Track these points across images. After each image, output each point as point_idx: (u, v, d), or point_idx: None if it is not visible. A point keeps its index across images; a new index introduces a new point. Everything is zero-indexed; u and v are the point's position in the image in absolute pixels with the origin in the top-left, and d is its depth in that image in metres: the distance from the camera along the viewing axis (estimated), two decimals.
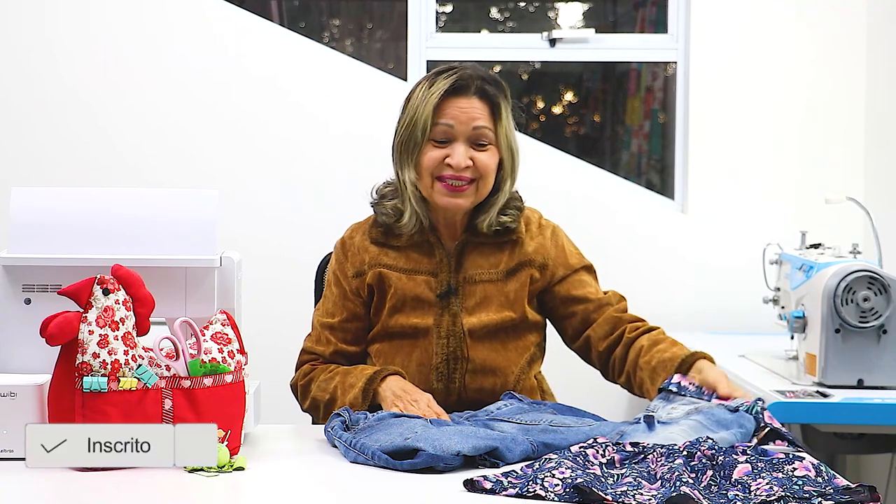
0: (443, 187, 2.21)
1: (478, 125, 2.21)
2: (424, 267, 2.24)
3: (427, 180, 2.22)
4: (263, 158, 3.70)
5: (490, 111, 2.23)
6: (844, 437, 2.57)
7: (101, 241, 1.94)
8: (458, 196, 2.21)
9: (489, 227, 2.24)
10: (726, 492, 1.63)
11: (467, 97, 2.22)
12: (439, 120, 2.21)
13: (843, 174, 3.72)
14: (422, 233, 2.26)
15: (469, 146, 2.21)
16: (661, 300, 3.70)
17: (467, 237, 2.26)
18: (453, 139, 2.21)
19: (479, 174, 2.21)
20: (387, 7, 5.46)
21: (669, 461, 1.72)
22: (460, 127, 2.20)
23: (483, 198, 2.24)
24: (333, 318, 2.27)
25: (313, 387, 2.23)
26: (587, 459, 1.75)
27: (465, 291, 2.23)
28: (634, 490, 1.65)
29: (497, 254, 2.26)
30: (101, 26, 3.68)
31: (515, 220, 2.27)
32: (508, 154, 2.24)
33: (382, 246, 2.27)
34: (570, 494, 1.64)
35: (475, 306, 2.23)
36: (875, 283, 2.49)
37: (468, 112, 2.21)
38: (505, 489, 1.67)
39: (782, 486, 1.61)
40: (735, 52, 3.75)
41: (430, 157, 2.21)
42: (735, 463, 1.69)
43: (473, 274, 2.24)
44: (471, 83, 2.22)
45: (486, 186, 2.23)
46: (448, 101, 2.21)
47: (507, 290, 2.24)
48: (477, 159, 2.21)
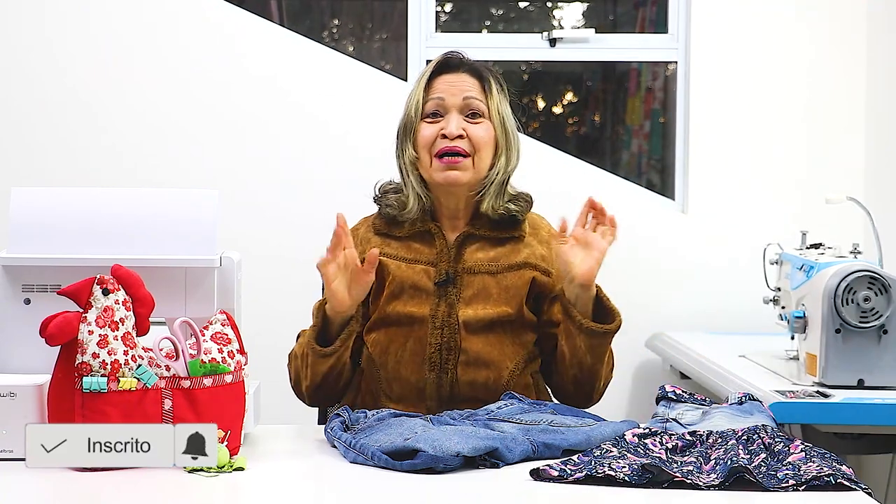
0: (440, 163, 2.24)
1: (468, 95, 2.26)
2: (425, 256, 2.26)
3: (425, 158, 2.25)
4: (263, 158, 3.70)
5: (480, 85, 2.28)
6: (845, 438, 2.57)
7: (101, 241, 1.94)
8: (455, 168, 2.23)
9: (494, 212, 2.26)
10: (776, 472, 1.70)
11: (456, 73, 2.29)
12: (430, 96, 2.27)
13: (844, 174, 3.72)
14: (424, 221, 2.28)
15: (462, 118, 2.26)
16: (662, 300, 3.70)
17: (469, 230, 2.28)
18: (446, 112, 2.26)
19: (474, 147, 2.24)
20: (387, 7, 5.46)
21: (724, 444, 1.80)
22: (451, 99, 2.26)
23: (482, 174, 2.26)
24: None
25: (298, 350, 2.27)
26: (647, 448, 1.81)
27: (463, 282, 2.24)
28: (698, 471, 1.72)
29: (498, 248, 2.27)
30: (102, 26, 3.68)
31: (523, 212, 2.30)
32: (502, 129, 2.28)
33: (385, 237, 2.29)
34: (640, 475, 1.68)
35: (472, 297, 2.23)
36: (875, 283, 2.49)
37: (458, 85, 2.27)
38: (571, 475, 1.70)
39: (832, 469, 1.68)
40: (735, 52, 3.75)
41: (424, 133, 2.26)
42: (790, 452, 1.76)
43: (472, 265, 2.25)
44: (460, 63, 2.31)
45: (482, 161, 2.25)
46: (438, 78, 2.29)
47: (506, 284, 2.25)
48: (470, 131, 2.24)
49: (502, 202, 2.27)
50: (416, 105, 2.27)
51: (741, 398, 1.98)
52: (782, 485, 1.67)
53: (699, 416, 1.94)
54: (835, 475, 1.67)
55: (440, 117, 2.26)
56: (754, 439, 1.81)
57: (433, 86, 2.29)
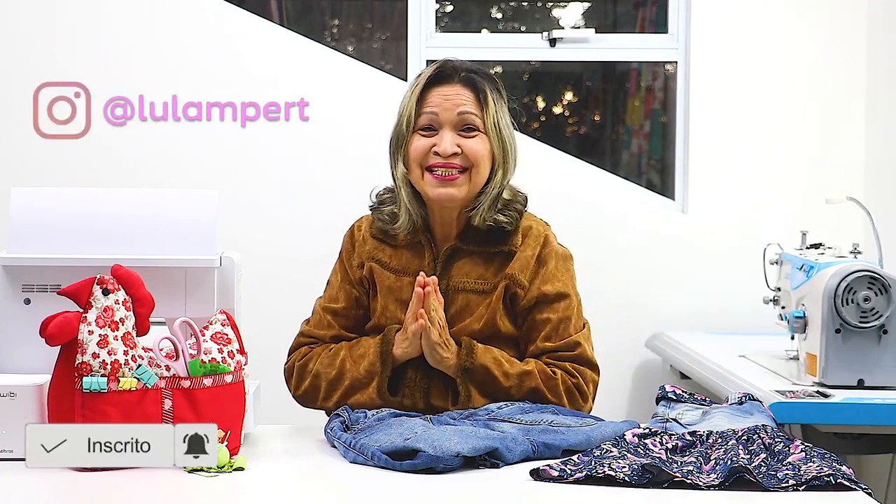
0: (432, 178, 2.16)
1: (463, 110, 2.17)
2: (413, 268, 2.20)
3: (416, 172, 2.18)
4: (263, 158, 3.70)
5: (476, 97, 2.18)
6: (845, 438, 2.57)
7: (101, 241, 1.94)
8: (450, 185, 2.16)
9: (483, 223, 2.17)
10: (776, 472, 1.70)
11: (451, 84, 2.19)
12: (423, 109, 2.18)
13: (843, 174, 3.72)
14: (415, 233, 2.22)
15: (456, 133, 2.17)
16: (661, 300, 3.70)
17: (458, 244, 2.20)
18: (439, 127, 2.17)
19: (470, 162, 2.16)
20: (387, 7, 5.46)
21: (724, 444, 1.80)
22: (445, 114, 2.17)
23: (478, 188, 2.18)
24: (338, 303, 2.25)
25: (313, 365, 2.19)
26: (648, 448, 1.81)
27: (448, 299, 2.17)
28: (698, 471, 1.72)
29: (486, 264, 2.19)
30: (101, 26, 3.68)
31: (512, 223, 2.20)
32: (498, 142, 2.18)
33: (381, 242, 2.24)
34: (641, 475, 1.68)
35: (455, 314, 2.17)
36: (875, 283, 2.49)
37: (452, 98, 2.17)
38: (571, 475, 1.70)
39: (832, 469, 1.69)
40: (735, 52, 3.75)
41: (416, 147, 2.17)
42: (790, 452, 1.76)
43: (459, 282, 2.18)
44: (454, 72, 2.20)
45: (479, 176, 2.17)
46: (432, 90, 2.19)
47: (488, 302, 2.17)
48: (465, 146, 2.16)
49: (493, 213, 2.18)
50: (409, 117, 2.18)
51: (741, 398, 1.99)
52: (782, 485, 1.67)
53: (699, 417, 1.94)
54: (835, 475, 1.67)
55: (433, 131, 2.18)
56: (754, 439, 1.81)
57: (427, 98, 2.19)
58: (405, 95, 2.23)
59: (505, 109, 2.23)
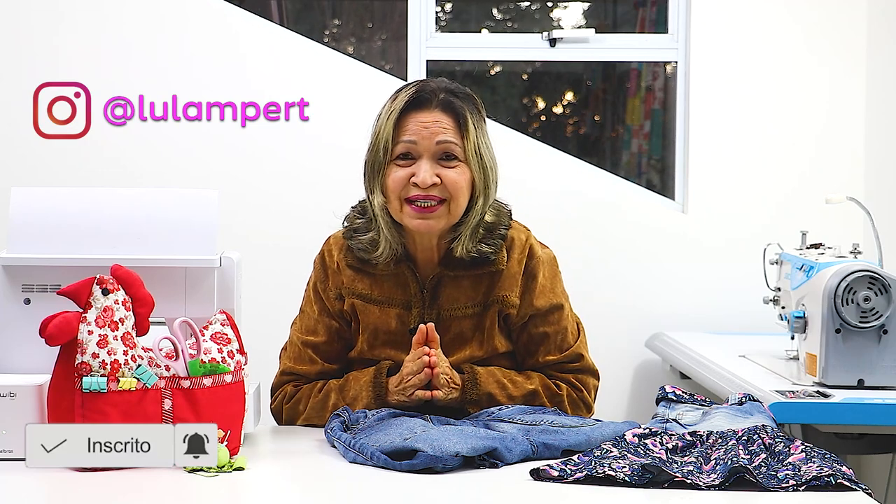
0: (412, 209, 2.07)
1: (442, 139, 2.07)
2: (398, 299, 2.13)
3: (395, 203, 2.09)
4: (263, 158, 3.70)
5: (456, 123, 2.09)
6: (845, 438, 2.57)
7: (101, 241, 1.94)
8: (429, 217, 2.07)
9: (466, 254, 2.09)
10: (776, 472, 1.71)
11: (429, 110, 2.09)
12: (401, 137, 2.08)
13: (843, 174, 3.72)
14: (397, 263, 2.13)
15: (435, 162, 2.08)
16: (662, 300, 3.70)
17: (443, 270, 2.13)
18: (418, 156, 2.08)
19: (449, 193, 2.07)
20: (387, 7, 5.46)
21: (724, 444, 1.80)
22: (423, 143, 2.07)
23: (457, 218, 2.09)
24: (317, 336, 2.18)
25: (303, 408, 2.15)
26: (648, 448, 1.81)
27: (441, 328, 2.10)
28: (698, 471, 1.73)
29: (475, 287, 2.13)
30: (101, 26, 3.68)
31: (496, 251, 2.12)
32: (479, 170, 2.09)
33: (358, 271, 2.15)
34: (641, 475, 1.68)
35: (449, 342, 2.12)
36: (875, 283, 2.49)
37: (430, 127, 2.07)
38: (571, 475, 1.71)
39: (832, 469, 1.69)
40: (735, 52, 3.75)
41: (394, 178, 2.08)
42: (790, 453, 1.77)
43: (449, 310, 2.12)
44: (433, 96, 2.10)
45: (458, 206, 2.08)
46: (409, 117, 2.09)
47: (482, 325, 2.14)
48: (444, 176, 2.07)
49: (475, 244, 2.10)
50: (386, 144, 2.08)
51: (741, 398, 1.99)
52: (782, 485, 1.67)
53: (699, 417, 1.94)
54: (835, 475, 1.67)
55: (412, 160, 2.08)
56: (754, 439, 1.82)
57: (404, 125, 2.08)
58: (380, 117, 2.13)
59: (485, 130, 2.14)
